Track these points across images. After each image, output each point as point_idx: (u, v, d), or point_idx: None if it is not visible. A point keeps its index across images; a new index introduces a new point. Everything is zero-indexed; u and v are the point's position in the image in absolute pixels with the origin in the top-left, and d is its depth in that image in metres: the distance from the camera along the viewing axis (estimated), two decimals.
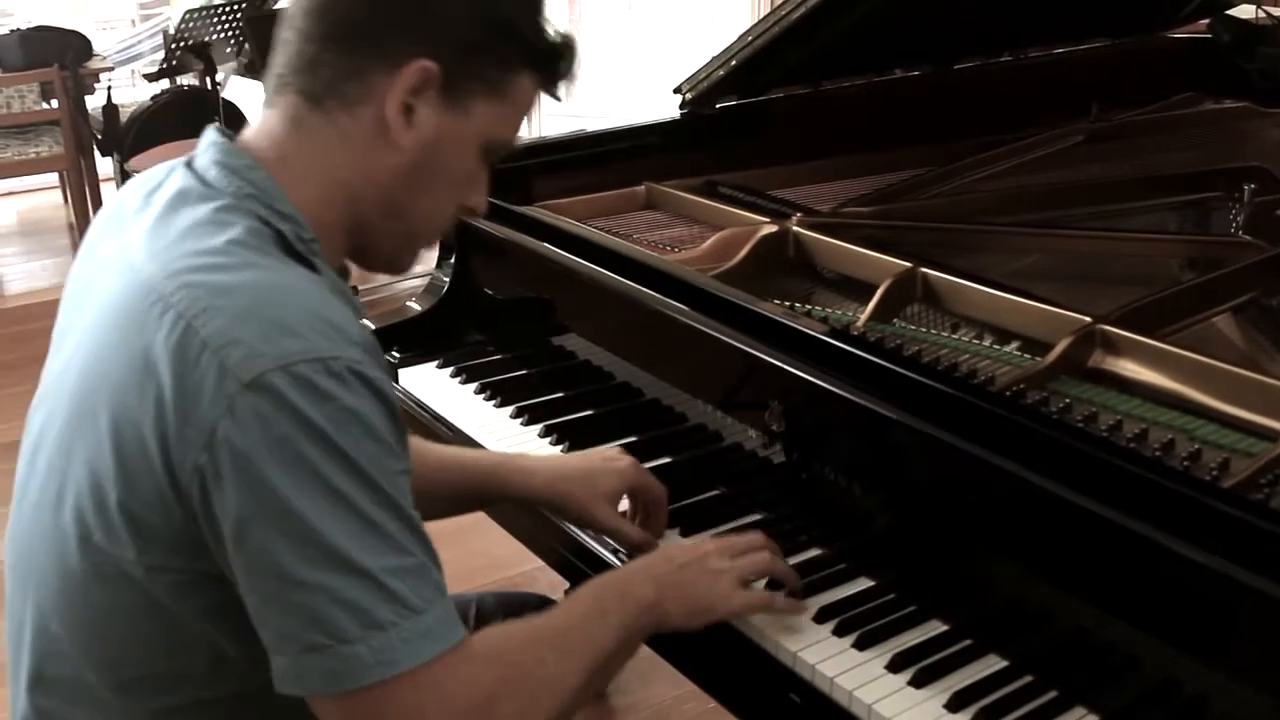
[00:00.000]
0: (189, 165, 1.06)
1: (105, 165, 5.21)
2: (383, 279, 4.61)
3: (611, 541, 1.35)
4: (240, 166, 1.03)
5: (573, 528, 1.39)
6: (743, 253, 1.61)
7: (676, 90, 2.01)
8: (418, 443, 1.40)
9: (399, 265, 1.14)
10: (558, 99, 1.13)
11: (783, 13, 1.88)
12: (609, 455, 1.38)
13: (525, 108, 1.10)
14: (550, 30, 1.08)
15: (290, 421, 0.89)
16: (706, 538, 1.29)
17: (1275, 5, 2.44)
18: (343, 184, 1.05)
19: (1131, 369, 1.28)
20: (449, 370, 1.76)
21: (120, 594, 0.98)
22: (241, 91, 5.32)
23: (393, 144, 1.03)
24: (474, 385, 1.71)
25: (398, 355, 1.81)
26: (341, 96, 1.02)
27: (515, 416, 1.62)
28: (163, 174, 1.08)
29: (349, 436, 0.91)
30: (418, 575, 0.93)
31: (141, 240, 1.02)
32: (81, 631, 1.02)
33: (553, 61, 1.09)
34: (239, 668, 1.00)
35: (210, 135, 1.07)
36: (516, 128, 1.11)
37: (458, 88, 1.03)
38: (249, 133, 1.07)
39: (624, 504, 1.37)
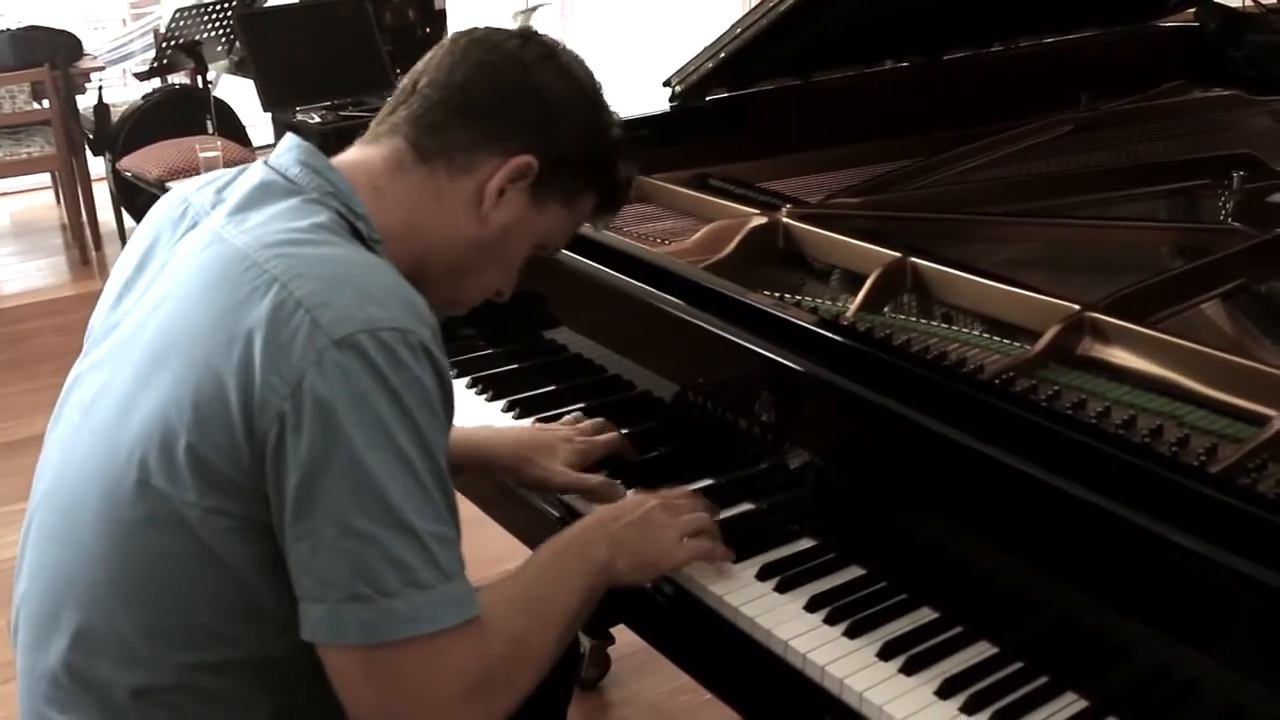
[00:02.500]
0: (266, 163, 1.16)
1: (97, 165, 5.22)
2: None
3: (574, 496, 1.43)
4: (321, 167, 1.13)
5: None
6: (733, 244, 1.61)
7: (666, 83, 2.01)
8: None
9: None
10: (598, 225, 1.33)
11: (771, 4, 1.88)
12: (564, 434, 1.47)
13: (580, 222, 1.27)
14: (622, 169, 1.25)
15: (371, 380, 0.97)
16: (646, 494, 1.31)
17: None
18: (424, 232, 1.16)
19: (1120, 356, 1.28)
20: None
21: (171, 539, 1.03)
22: (232, 90, 5.31)
23: (480, 217, 1.17)
24: (466, 380, 1.71)
25: None
26: (449, 161, 1.15)
27: (507, 410, 1.63)
28: (231, 174, 1.18)
29: (416, 403, 0.99)
30: (451, 545, 1.01)
31: (228, 221, 1.10)
32: (125, 579, 1.06)
33: (615, 194, 1.27)
34: (269, 626, 1.05)
35: (291, 139, 1.17)
36: (568, 237, 1.28)
37: (544, 188, 1.18)
38: (342, 155, 1.17)
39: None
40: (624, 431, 1.51)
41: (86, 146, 5.09)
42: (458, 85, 1.15)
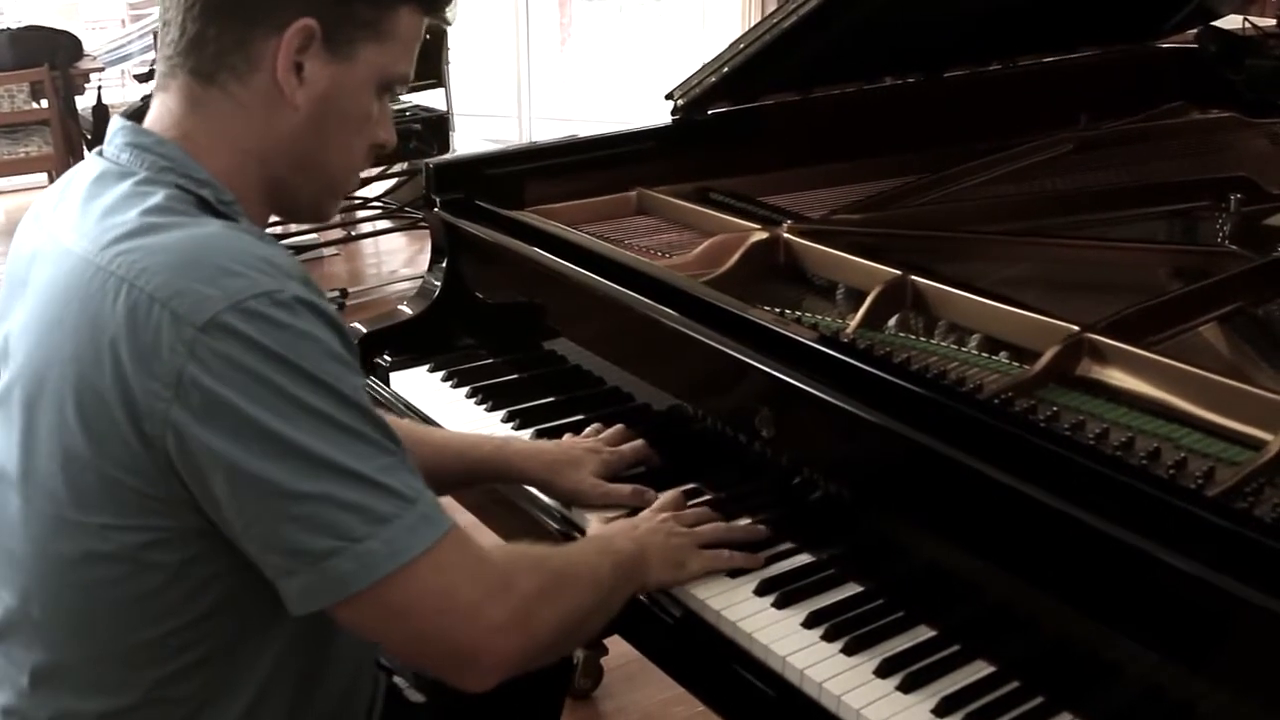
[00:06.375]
0: (100, 154, 1.10)
1: None
2: (372, 282, 4.62)
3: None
4: (150, 143, 1.07)
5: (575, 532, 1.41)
6: (734, 259, 1.62)
7: (668, 96, 2.02)
8: (416, 427, 1.52)
9: (322, 213, 1.19)
10: (447, 22, 1.18)
11: (775, 20, 1.89)
12: (590, 445, 1.47)
13: (412, 40, 1.13)
14: None
15: (253, 355, 0.94)
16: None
17: (1261, 16, 2.46)
18: (251, 151, 1.09)
19: (1118, 377, 1.29)
20: (440, 374, 1.76)
21: (99, 567, 1.01)
22: None
23: (289, 104, 1.07)
24: (465, 389, 1.72)
25: (389, 358, 1.81)
26: (231, 69, 1.06)
27: (507, 420, 1.63)
28: (73, 172, 1.13)
29: (309, 358, 0.96)
30: (402, 469, 0.99)
31: (67, 226, 1.06)
32: (65, 614, 1.04)
33: None
34: (220, 621, 1.03)
35: (116, 122, 1.11)
36: (408, 61, 1.14)
37: (340, 38, 1.07)
38: (149, 119, 1.11)
39: None
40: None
41: (84, 146, 5.08)
42: None
